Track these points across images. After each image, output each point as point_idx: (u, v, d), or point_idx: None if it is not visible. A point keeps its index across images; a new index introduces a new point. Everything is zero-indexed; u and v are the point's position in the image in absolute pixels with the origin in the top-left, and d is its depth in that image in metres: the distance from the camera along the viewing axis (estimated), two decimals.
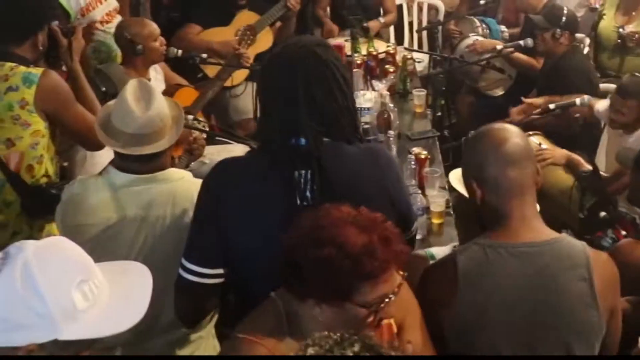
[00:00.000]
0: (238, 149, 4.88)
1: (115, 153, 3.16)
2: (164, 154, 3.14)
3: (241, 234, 2.61)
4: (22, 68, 3.67)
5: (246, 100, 5.82)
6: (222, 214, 2.62)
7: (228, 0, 6.09)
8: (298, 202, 2.55)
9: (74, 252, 1.94)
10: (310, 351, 1.58)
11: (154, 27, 5.03)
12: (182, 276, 2.68)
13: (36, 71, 3.68)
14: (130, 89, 3.10)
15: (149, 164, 3.11)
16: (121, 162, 3.13)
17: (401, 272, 2.20)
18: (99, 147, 3.69)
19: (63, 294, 1.82)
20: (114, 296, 1.94)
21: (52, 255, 1.88)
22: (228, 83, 5.71)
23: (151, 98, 3.07)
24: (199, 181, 2.95)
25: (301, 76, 2.57)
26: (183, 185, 3.10)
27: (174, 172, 3.15)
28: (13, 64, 3.68)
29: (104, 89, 4.48)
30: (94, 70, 4.77)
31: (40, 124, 3.71)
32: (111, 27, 5.25)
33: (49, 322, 1.80)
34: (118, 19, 5.33)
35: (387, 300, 2.13)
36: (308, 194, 2.55)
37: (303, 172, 2.55)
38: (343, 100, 2.63)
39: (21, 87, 3.64)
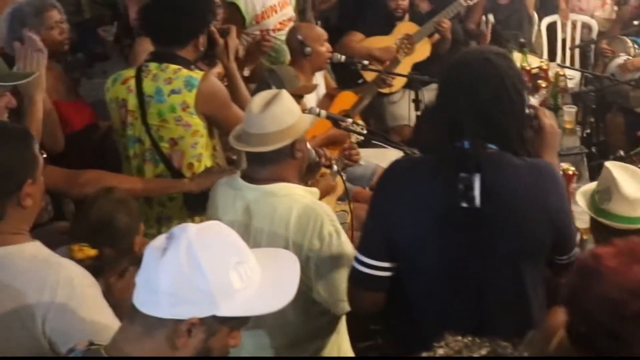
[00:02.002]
0: (392, 153, 4.71)
1: None
2: (278, 164, 2.90)
3: (404, 230, 2.49)
4: (185, 71, 3.54)
5: (402, 107, 5.62)
6: (389, 210, 2.52)
7: (390, 11, 5.91)
8: (460, 204, 2.39)
9: (230, 235, 1.90)
10: (440, 352, 1.55)
11: (322, 32, 4.94)
12: (354, 267, 2.58)
13: (197, 75, 3.54)
14: (261, 94, 2.99)
15: (263, 168, 2.92)
16: (247, 167, 3.02)
17: None
18: None
19: (222, 273, 1.80)
20: (265, 279, 1.89)
21: (212, 236, 1.85)
22: (386, 90, 5.58)
23: (271, 103, 2.89)
24: (306, 200, 2.88)
25: (470, 80, 2.41)
26: (285, 202, 2.87)
27: (282, 187, 2.88)
28: (176, 67, 3.55)
29: (273, 87, 4.37)
30: (267, 70, 4.63)
31: (199, 125, 3.59)
32: (282, 35, 5.21)
33: (209, 298, 1.78)
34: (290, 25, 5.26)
35: None
36: (470, 196, 2.38)
37: (466, 175, 2.38)
38: (511, 110, 2.42)
39: (183, 90, 3.51)
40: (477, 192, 2.38)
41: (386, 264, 2.53)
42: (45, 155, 2.49)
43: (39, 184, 2.38)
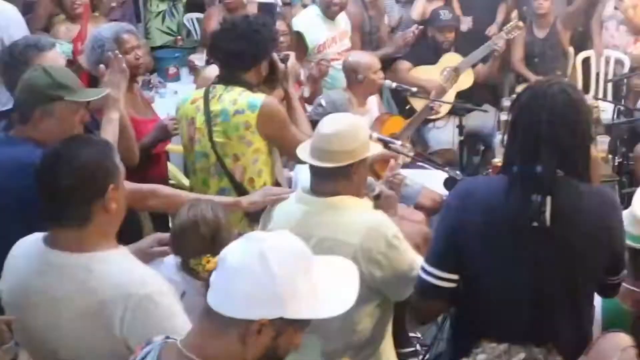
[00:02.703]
0: (435, 174, 4.67)
1: None
2: (335, 181, 2.87)
3: (474, 245, 2.45)
4: (248, 94, 3.53)
5: (447, 132, 5.59)
6: (459, 225, 2.47)
7: (439, 44, 5.91)
8: (531, 223, 2.35)
9: (299, 244, 1.88)
10: (481, 357, 1.59)
11: (375, 61, 4.92)
12: (420, 277, 2.53)
13: (259, 97, 3.53)
14: (335, 115, 3.01)
15: (323, 183, 2.90)
16: (311, 180, 2.98)
17: None
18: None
19: (291, 278, 1.78)
20: (328, 285, 1.86)
21: (283, 245, 1.83)
22: (432, 116, 5.54)
23: (340, 125, 2.88)
24: (366, 209, 2.88)
25: (548, 108, 2.37)
26: (347, 213, 2.85)
27: (341, 199, 2.86)
28: (241, 89, 3.55)
29: (329, 110, 4.34)
30: (323, 94, 4.66)
31: (260, 143, 3.57)
32: (338, 64, 5.23)
33: (278, 302, 1.77)
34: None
35: None
36: (541, 217, 2.34)
37: (538, 196, 2.34)
38: (582, 139, 2.41)
39: (246, 111, 3.49)
40: (548, 212, 2.35)
41: (453, 276, 2.49)
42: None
43: (122, 190, 2.39)
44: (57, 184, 2.27)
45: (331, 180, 2.88)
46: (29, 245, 2.39)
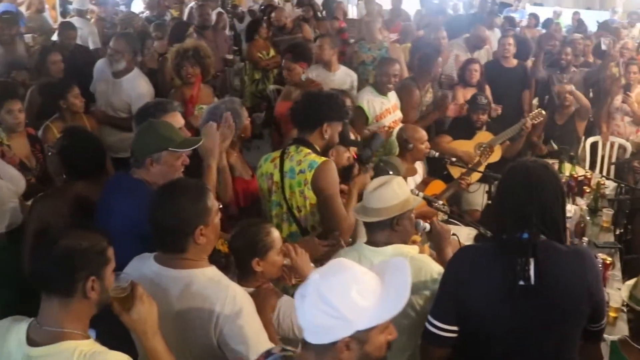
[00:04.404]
0: (464, 230, 4.63)
1: None
2: (382, 232, 2.89)
3: (471, 302, 2.38)
4: (312, 156, 3.48)
5: (477, 196, 5.46)
6: (458, 285, 2.41)
7: (473, 122, 5.85)
8: (518, 282, 2.28)
9: (350, 266, 1.85)
10: None
11: (424, 134, 4.91)
12: (426, 327, 2.47)
13: (319, 160, 3.46)
14: (380, 177, 3.02)
15: (374, 234, 2.93)
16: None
17: None
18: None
19: (347, 299, 1.77)
20: (384, 289, 1.83)
21: (333, 273, 1.81)
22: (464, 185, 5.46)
23: (381, 186, 2.90)
24: (414, 254, 2.86)
25: (535, 182, 2.32)
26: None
27: (391, 248, 2.86)
28: (307, 151, 3.50)
29: (390, 173, 4.26)
30: (383, 161, 4.61)
31: (314, 199, 3.51)
32: (394, 131, 5.24)
33: (346, 321, 1.76)
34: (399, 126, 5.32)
35: None
36: (526, 276, 2.28)
37: (524, 259, 2.27)
38: (563, 207, 2.37)
39: (306, 171, 3.46)
40: (532, 272, 2.28)
41: (453, 327, 2.42)
42: (221, 206, 2.59)
43: (213, 226, 2.46)
44: (162, 221, 2.42)
45: (378, 231, 2.91)
46: (143, 262, 2.52)
